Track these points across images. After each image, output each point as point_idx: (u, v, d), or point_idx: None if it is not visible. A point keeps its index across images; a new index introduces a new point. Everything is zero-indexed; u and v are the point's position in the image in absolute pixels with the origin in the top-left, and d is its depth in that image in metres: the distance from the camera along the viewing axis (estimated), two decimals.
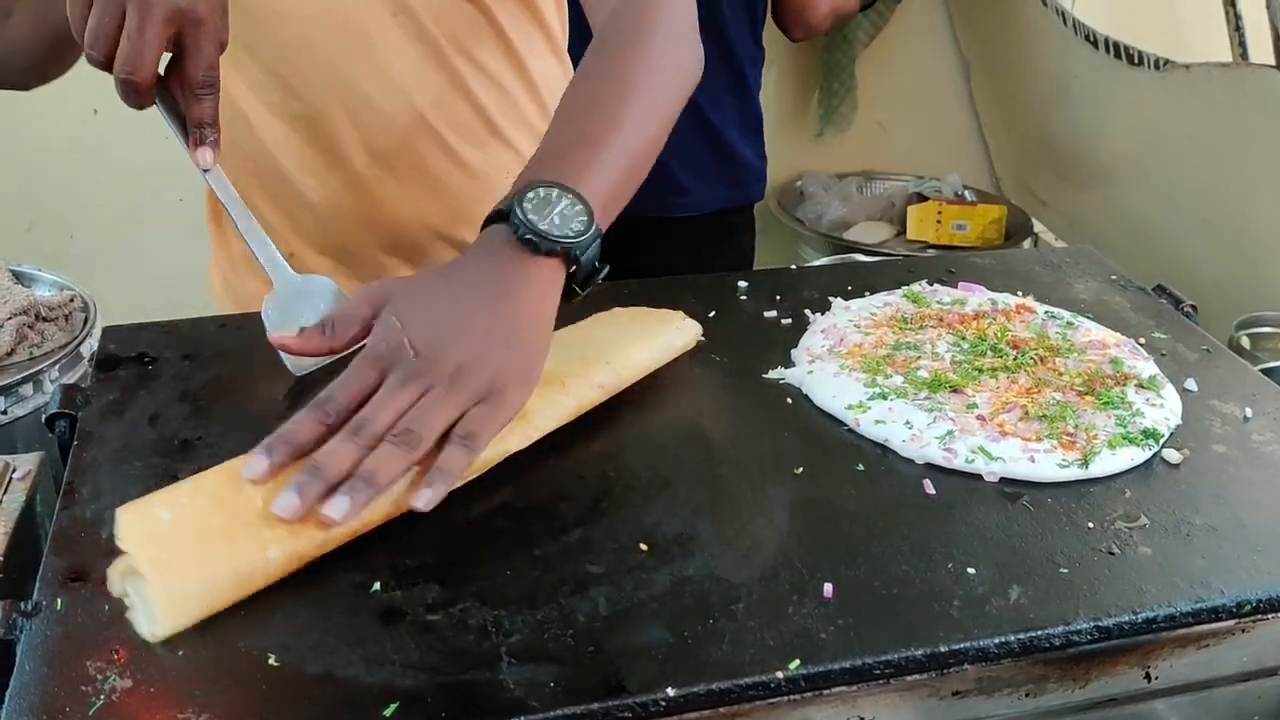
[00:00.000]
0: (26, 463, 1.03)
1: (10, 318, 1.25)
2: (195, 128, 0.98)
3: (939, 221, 2.82)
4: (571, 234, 0.92)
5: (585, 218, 0.93)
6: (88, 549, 0.84)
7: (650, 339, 1.05)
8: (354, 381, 0.86)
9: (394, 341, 0.87)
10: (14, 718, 0.70)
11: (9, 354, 1.24)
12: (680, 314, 1.09)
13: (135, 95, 0.93)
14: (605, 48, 1.08)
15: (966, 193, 2.96)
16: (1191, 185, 2.16)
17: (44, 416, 0.99)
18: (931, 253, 2.75)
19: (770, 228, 2.74)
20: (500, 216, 0.93)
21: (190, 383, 1.03)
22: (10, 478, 1.01)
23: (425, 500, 0.83)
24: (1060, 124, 2.57)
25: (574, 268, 0.93)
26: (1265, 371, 1.15)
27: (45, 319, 1.30)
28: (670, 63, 1.07)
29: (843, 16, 2.34)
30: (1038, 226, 2.86)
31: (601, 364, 1.00)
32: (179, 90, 0.98)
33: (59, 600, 0.79)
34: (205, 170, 0.99)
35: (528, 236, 0.91)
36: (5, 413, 1.21)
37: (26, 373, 1.23)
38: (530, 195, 0.92)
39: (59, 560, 0.82)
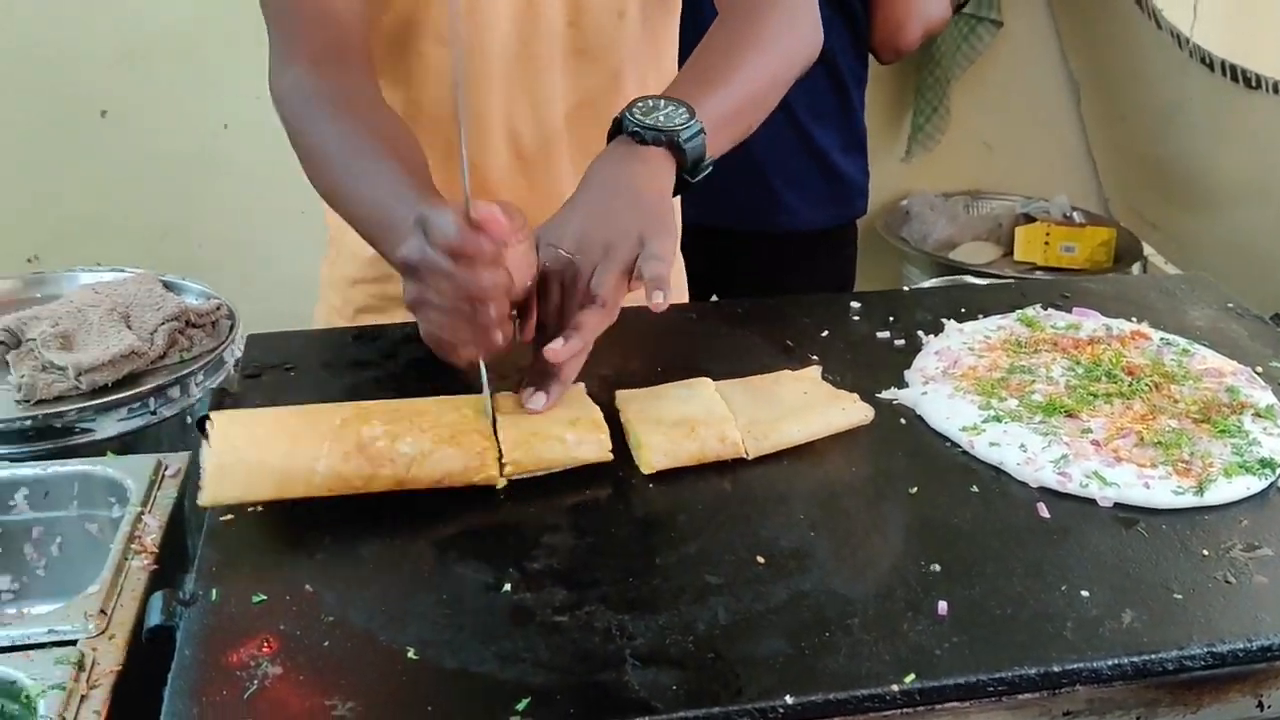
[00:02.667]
0: (177, 461, 1.09)
1: (164, 323, 1.33)
2: None
3: (1047, 243, 2.79)
4: (675, 125, 1.05)
5: (686, 114, 1.06)
6: (238, 542, 0.89)
7: (808, 414, 1.04)
8: (550, 299, 1.00)
9: (556, 259, 1.00)
10: (175, 699, 0.75)
11: (161, 357, 1.32)
12: (854, 397, 1.06)
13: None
14: (729, 17, 1.21)
15: (1075, 214, 2.93)
16: None
17: (195, 418, 1.06)
18: (1039, 274, 2.73)
19: (875, 247, 2.75)
20: (615, 126, 1.08)
21: (328, 390, 1.08)
22: (163, 475, 1.07)
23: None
24: (1173, 146, 2.54)
25: (681, 156, 1.06)
26: None
27: (195, 325, 1.38)
28: (783, 32, 1.20)
29: (933, 33, 2.33)
30: (1147, 249, 2.82)
31: (740, 425, 1.01)
32: None
33: (214, 591, 0.84)
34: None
35: (634, 129, 1.05)
36: (155, 413, 1.29)
37: (176, 375, 1.30)
38: (639, 104, 1.07)
39: (213, 553, 0.88)
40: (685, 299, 1.55)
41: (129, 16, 2.40)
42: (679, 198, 1.12)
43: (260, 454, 0.90)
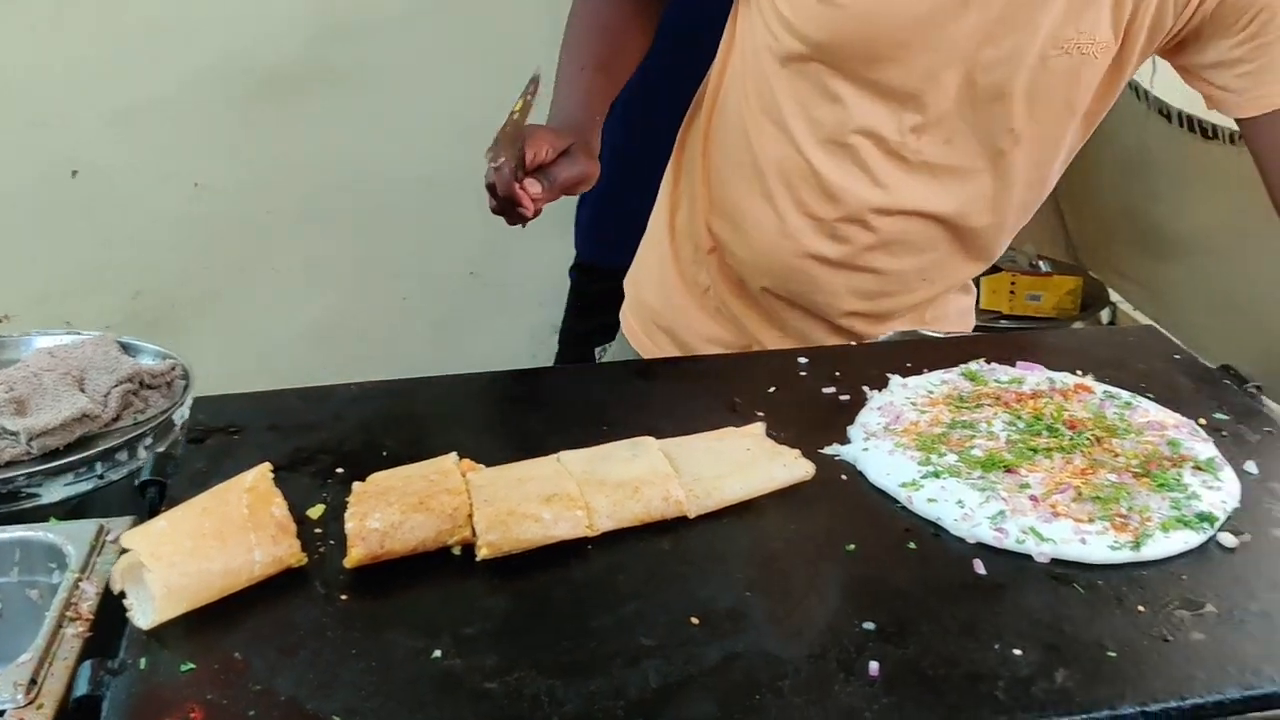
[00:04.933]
0: (120, 526, 1.09)
1: (117, 385, 1.33)
2: None
3: (1012, 292, 2.81)
4: None
5: None
6: None
7: (749, 470, 1.04)
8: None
9: None
10: None
11: (115, 420, 1.32)
12: (796, 453, 1.07)
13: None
14: None
15: (1041, 263, 2.94)
16: (1273, 259, 2.13)
17: (137, 482, 1.06)
18: (1004, 323, 2.74)
19: None
20: None
21: (272, 452, 1.08)
22: (104, 540, 1.06)
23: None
24: (1137, 196, 2.56)
25: None
26: None
27: (149, 386, 1.38)
28: None
29: None
30: (1115, 297, 2.83)
31: (683, 483, 1.01)
32: None
33: (143, 660, 0.84)
34: None
35: None
36: (102, 477, 1.28)
37: (126, 438, 1.30)
38: None
39: None
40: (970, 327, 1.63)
41: (109, 81, 2.42)
42: None
43: (199, 563, 0.89)
